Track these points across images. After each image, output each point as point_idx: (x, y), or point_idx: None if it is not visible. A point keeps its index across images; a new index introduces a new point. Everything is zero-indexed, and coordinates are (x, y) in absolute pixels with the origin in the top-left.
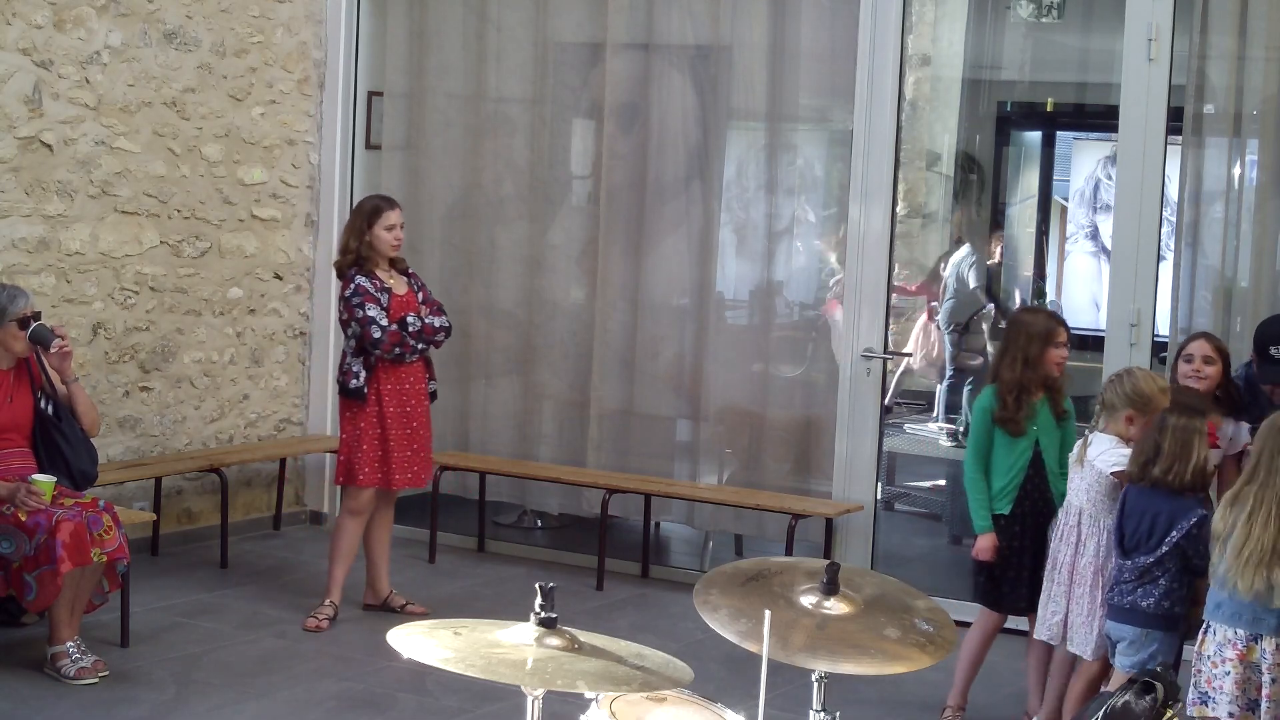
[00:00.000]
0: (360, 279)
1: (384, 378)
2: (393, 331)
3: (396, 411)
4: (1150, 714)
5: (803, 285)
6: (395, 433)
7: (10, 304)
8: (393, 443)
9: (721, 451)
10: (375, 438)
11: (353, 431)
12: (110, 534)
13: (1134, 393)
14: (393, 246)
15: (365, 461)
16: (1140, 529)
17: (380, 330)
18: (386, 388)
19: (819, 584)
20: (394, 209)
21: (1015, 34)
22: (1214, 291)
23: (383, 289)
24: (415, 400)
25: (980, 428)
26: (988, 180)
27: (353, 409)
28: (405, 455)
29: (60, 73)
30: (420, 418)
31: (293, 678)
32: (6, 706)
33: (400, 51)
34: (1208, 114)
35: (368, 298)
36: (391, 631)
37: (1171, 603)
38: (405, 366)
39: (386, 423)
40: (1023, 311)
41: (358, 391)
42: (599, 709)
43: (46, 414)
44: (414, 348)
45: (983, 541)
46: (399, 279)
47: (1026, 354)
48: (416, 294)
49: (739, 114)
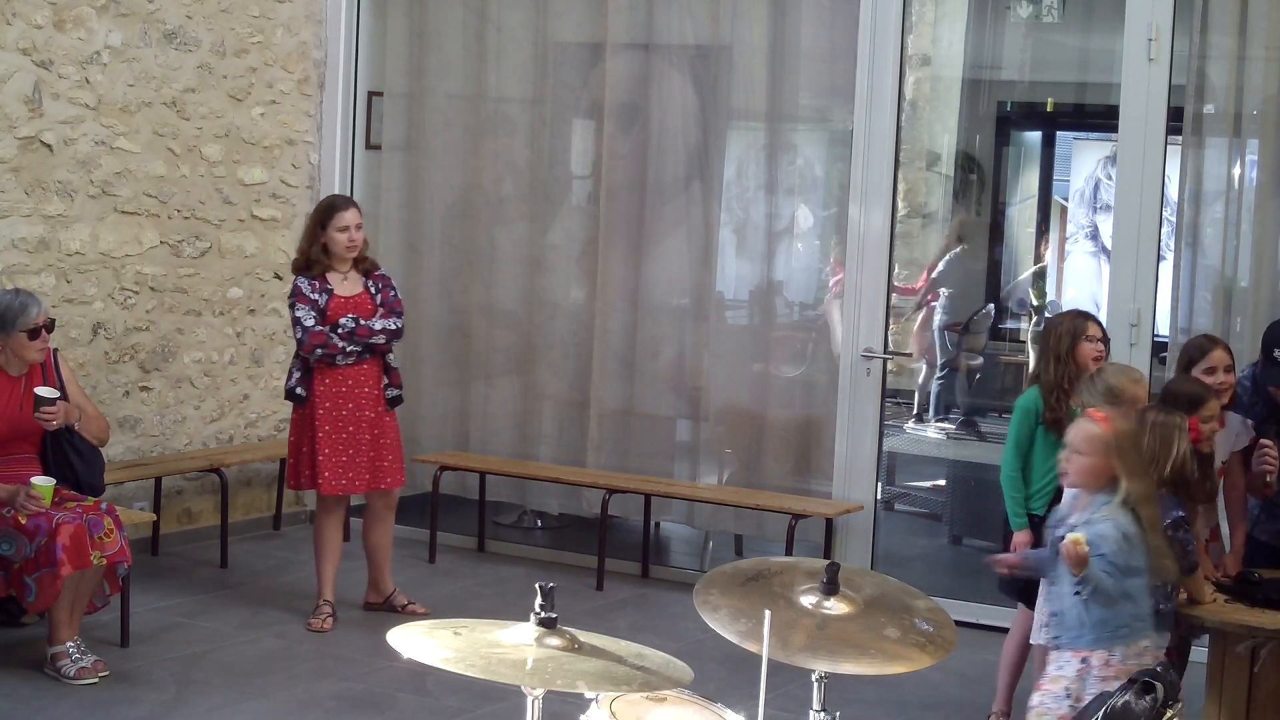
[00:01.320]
0: (300, 280)
1: (318, 380)
2: (315, 332)
3: (329, 414)
4: (1150, 714)
5: (803, 285)
6: (326, 436)
7: (21, 313)
8: (323, 445)
9: (721, 451)
10: (310, 441)
11: (295, 434)
12: (111, 537)
13: (1105, 388)
14: (347, 248)
15: (304, 465)
16: None
17: (302, 330)
18: (319, 390)
19: (819, 584)
20: (349, 209)
21: (1015, 34)
22: (1214, 291)
23: (323, 290)
24: (356, 405)
25: (1022, 427)
26: (988, 180)
27: (296, 412)
28: (339, 460)
29: (60, 73)
30: (363, 423)
31: (293, 678)
32: (6, 706)
33: (400, 51)
34: (1208, 114)
35: (300, 298)
36: (391, 631)
37: (1157, 600)
38: (344, 369)
39: (316, 426)
40: (1054, 315)
41: (290, 393)
42: (599, 709)
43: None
44: (343, 349)
45: (1019, 538)
46: (355, 280)
47: (1058, 352)
48: (374, 296)
49: (739, 114)
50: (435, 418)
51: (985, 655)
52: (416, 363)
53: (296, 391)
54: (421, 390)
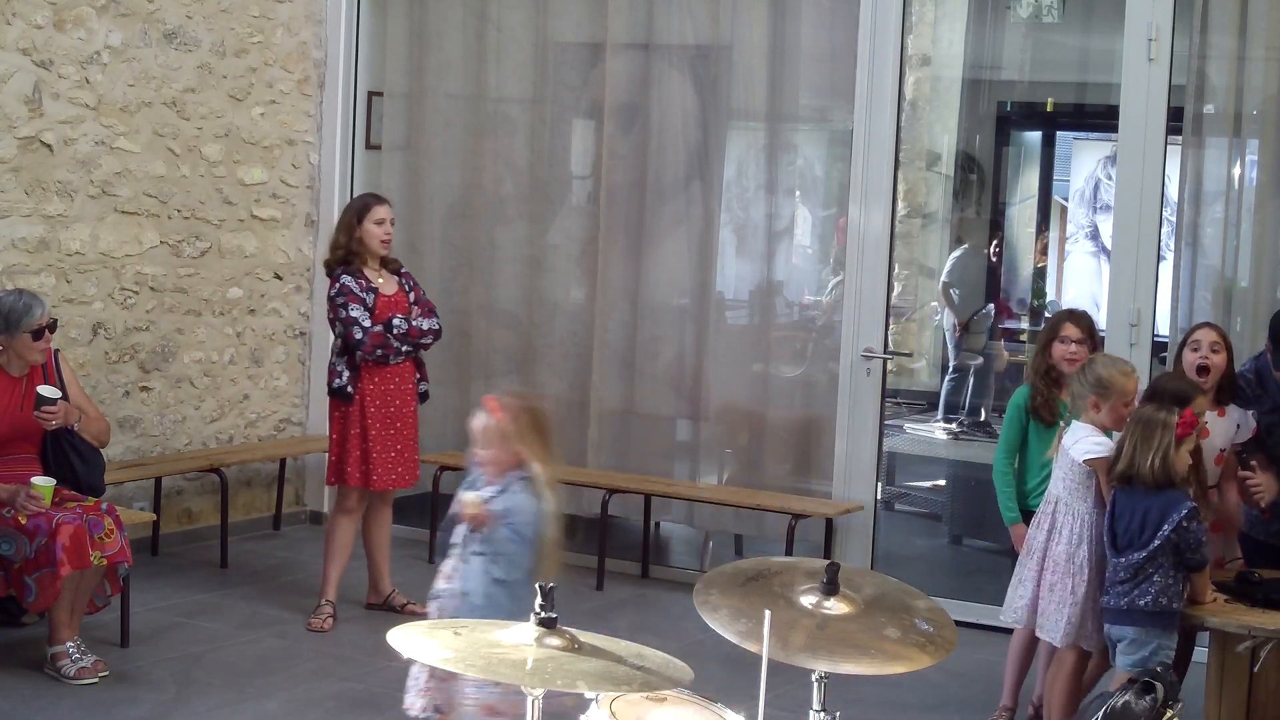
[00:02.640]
0: (346, 278)
1: (368, 378)
2: (375, 333)
3: (380, 412)
4: (1150, 714)
5: (803, 285)
6: (378, 433)
7: (25, 314)
8: (375, 443)
9: (721, 451)
10: (359, 438)
11: (340, 431)
12: (111, 537)
13: (1094, 380)
14: (382, 243)
15: (350, 461)
16: (1132, 526)
17: (362, 331)
18: (370, 388)
19: (819, 584)
20: (383, 205)
21: (1015, 34)
22: (1214, 291)
23: (369, 289)
24: (401, 401)
25: (1012, 423)
26: (988, 180)
27: (339, 409)
28: (389, 456)
29: (60, 73)
30: (406, 419)
31: (293, 678)
32: (6, 706)
33: (400, 51)
34: (1208, 114)
35: (351, 298)
36: (391, 631)
37: (1169, 599)
38: (391, 367)
39: (368, 423)
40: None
41: (340, 391)
42: (599, 709)
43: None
44: (398, 349)
45: (1015, 532)
46: (389, 278)
47: (1038, 347)
48: (408, 294)
49: (739, 114)
50: (435, 418)
51: (985, 655)
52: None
53: (347, 390)
54: None
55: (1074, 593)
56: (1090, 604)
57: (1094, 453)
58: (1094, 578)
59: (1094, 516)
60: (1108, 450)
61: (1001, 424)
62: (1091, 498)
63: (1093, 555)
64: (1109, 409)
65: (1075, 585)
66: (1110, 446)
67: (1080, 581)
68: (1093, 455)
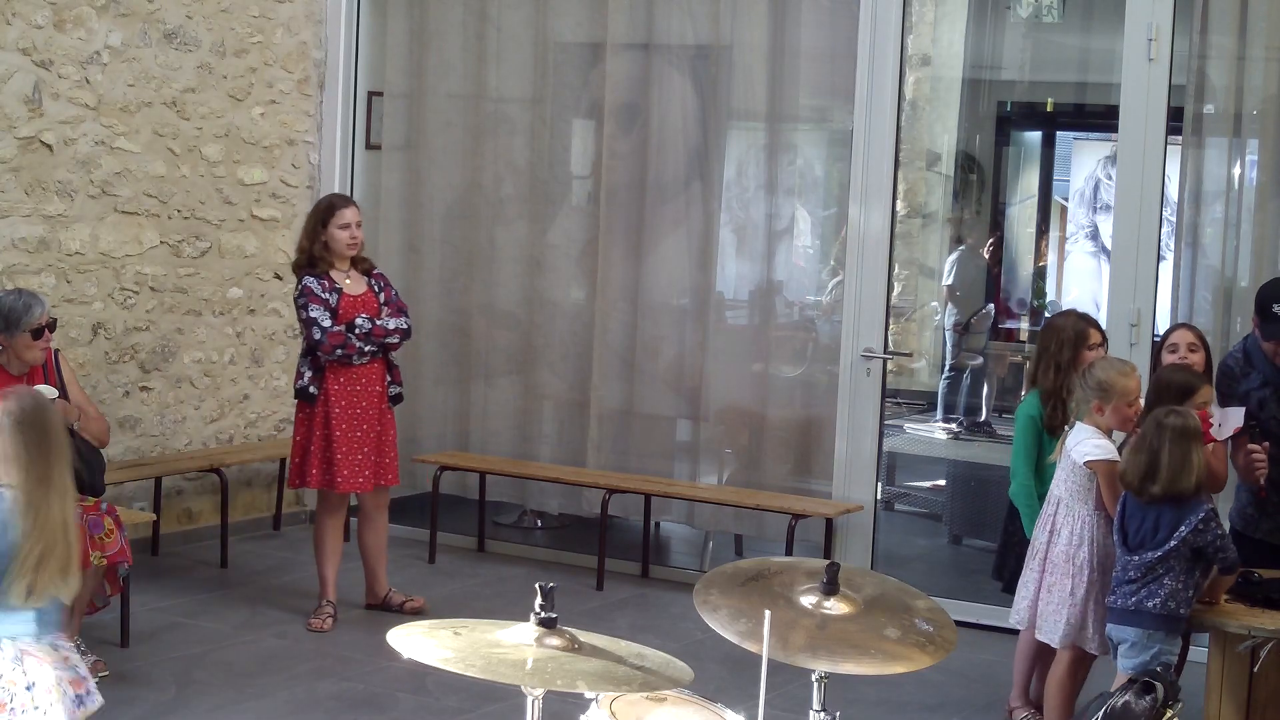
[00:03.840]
0: (308, 279)
1: (333, 379)
2: (334, 333)
3: (345, 413)
4: (1150, 714)
5: (803, 285)
6: (343, 434)
7: (25, 313)
8: (340, 445)
9: (721, 451)
10: (322, 439)
11: (303, 433)
12: (111, 537)
13: (1096, 383)
14: (348, 245)
15: (313, 463)
16: (1145, 525)
17: (320, 331)
18: (335, 389)
19: (819, 584)
20: (349, 207)
21: (1015, 34)
22: (1214, 291)
23: (333, 289)
24: (368, 402)
25: (1029, 436)
26: (988, 180)
27: (304, 410)
28: (355, 459)
29: (60, 73)
30: (372, 421)
31: (293, 678)
32: None
33: (400, 51)
34: (1208, 114)
35: (312, 298)
36: (391, 631)
37: (1177, 604)
38: (357, 368)
39: (333, 424)
40: (1055, 316)
41: (303, 392)
42: (599, 709)
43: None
44: (360, 349)
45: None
46: (358, 279)
47: (1059, 360)
48: (377, 295)
49: (739, 114)
50: (435, 418)
51: (985, 655)
52: (416, 363)
53: (309, 390)
54: (421, 390)
55: (1073, 594)
56: (1090, 605)
57: (1095, 455)
58: (1094, 579)
59: (1094, 518)
60: (1109, 453)
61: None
62: (1092, 500)
63: (1093, 557)
64: (1112, 410)
65: (1074, 586)
66: (1112, 449)
67: (1080, 583)
68: (1094, 458)
